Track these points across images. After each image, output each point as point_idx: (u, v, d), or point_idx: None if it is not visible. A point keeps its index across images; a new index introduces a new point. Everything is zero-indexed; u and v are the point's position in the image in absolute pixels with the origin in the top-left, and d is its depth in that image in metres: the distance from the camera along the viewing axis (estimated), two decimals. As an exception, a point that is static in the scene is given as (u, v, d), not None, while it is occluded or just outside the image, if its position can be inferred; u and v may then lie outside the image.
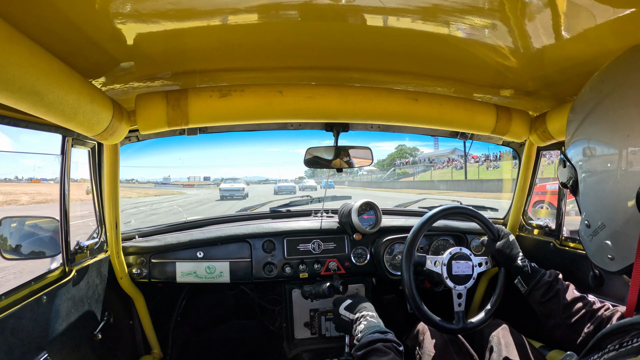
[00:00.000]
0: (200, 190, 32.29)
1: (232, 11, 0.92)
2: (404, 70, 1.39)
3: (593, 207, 0.93)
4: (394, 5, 0.90)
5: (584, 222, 0.97)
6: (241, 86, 1.43)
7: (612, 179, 0.85)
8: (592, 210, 0.93)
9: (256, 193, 24.32)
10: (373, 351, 1.22)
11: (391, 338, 1.28)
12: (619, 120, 0.85)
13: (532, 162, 1.94)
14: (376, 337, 1.27)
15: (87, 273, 1.51)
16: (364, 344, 1.26)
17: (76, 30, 0.92)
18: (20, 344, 1.08)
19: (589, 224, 0.95)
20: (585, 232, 0.98)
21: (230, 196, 21.66)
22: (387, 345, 1.24)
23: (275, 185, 28.18)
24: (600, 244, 0.92)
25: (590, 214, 0.94)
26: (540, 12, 0.90)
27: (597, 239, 0.92)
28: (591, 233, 0.94)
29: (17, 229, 1.37)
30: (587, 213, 0.96)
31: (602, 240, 0.91)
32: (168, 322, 2.26)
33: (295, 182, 30.42)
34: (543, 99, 1.57)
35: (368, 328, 1.35)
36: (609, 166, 0.86)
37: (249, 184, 27.69)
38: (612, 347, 0.78)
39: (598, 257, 0.95)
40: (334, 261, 2.00)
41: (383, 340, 1.26)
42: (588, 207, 0.95)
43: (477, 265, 1.63)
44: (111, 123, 1.28)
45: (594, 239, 0.94)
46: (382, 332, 1.30)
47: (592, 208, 0.93)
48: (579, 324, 1.30)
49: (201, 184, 41.02)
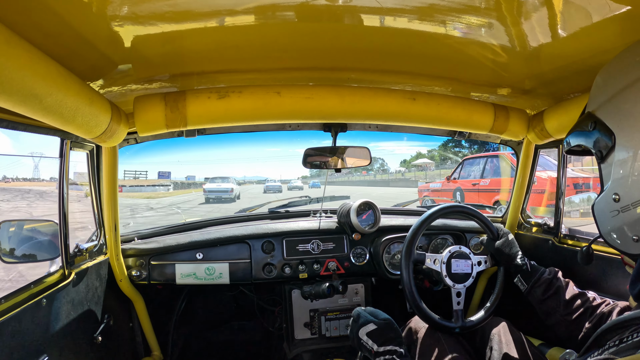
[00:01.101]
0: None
1: (229, 13, 0.93)
2: (401, 70, 1.40)
3: (632, 180, 0.82)
4: (391, 5, 0.91)
5: (609, 195, 0.87)
6: (239, 87, 1.43)
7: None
8: (629, 184, 0.83)
9: (248, 194, 23.69)
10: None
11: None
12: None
13: (530, 160, 1.94)
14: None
15: (87, 276, 1.50)
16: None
17: (74, 33, 0.92)
18: (20, 347, 1.08)
19: (619, 198, 0.84)
20: (608, 206, 0.87)
21: (216, 198, 18.89)
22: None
23: (265, 185, 29.05)
24: (628, 222, 0.83)
25: (625, 188, 0.84)
26: (536, 10, 0.90)
27: (627, 215, 0.83)
28: (618, 209, 0.85)
29: (16, 232, 1.37)
30: (619, 185, 0.85)
31: (634, 218, 0.82)
32: (168, 324, 2.26)
33: (282, 182, 31.71)
34: (540, 97, 1.58)
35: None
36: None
37: (240, 183, 26.59)
38: (612, 343, 0.78)
39: (618, 235, 0.87)
40: (334, 261, 2.00)
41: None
42: (623, 179, 0.84)
43: (477, 264, 1.63)
44: (109, 125, 1.28)
45: (620, 215, 0.85)
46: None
47: (630, 181, 0.82)
48: (580, 321, 1.31)
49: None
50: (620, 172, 0.85)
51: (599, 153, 0.90)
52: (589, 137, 0.92)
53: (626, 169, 0.83)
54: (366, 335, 1.30)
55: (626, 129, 0.83)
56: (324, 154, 1.89)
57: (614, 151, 0.86)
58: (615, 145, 0.85)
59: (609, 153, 0.87)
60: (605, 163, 0.89)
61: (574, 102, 1.45)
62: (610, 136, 0.86)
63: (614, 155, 0.86)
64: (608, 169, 0.88)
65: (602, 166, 0.91)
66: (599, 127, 0.89)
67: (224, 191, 19.26)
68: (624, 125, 0.84)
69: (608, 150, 0.87)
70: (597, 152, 0.90)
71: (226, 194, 19.11)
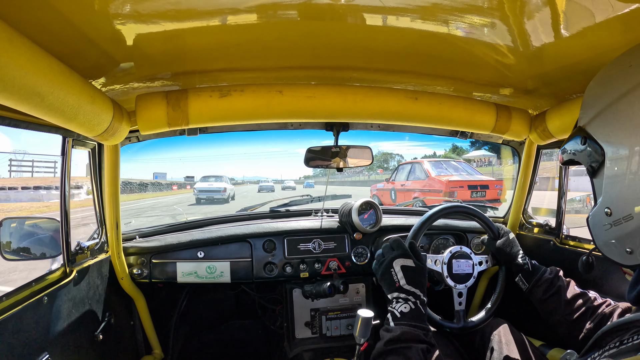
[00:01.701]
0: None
1: (231, 11, 0.92)
2: (403, 69, 1.39)
3: (622, 194, 0.83)
4: (394, 5, 0.91)
5: (602, 209, 0.88)
6: (241, 86, 1.43)
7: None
8: (619, 198, 0.84)
9: (243, 194, 23.73)
10: (405, 349, 1.06)
11: (430, 340, 1.10)
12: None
13: (532, 160, 1.94)
14: (416, 335, 1.09)
15: (88, 274, 1.51)
16: (402, 338, 1.08)
17: (76, 31, 0.92)
18: (21, 345, 1.08)
19: (611, 212, 0.86)
20: (601, 219, 0.88)
21: (208, 199, 17.86)
22: (424, 349, 1.06)
23: (259, 184, 31.35)
24: (620, 235, 0.84)
25: (615, 202, 0.85)
26: (539, 10, 0.90)
27: (619, 229, 0.84)
28: (611, 222, 0.86)
29: (17, 229, 1.37)
30: (610, 200, 0.86)
31: (625, 231, 0.83)
32: (169, 322, 2.26)
33: (277, 182, 35.35)
34: (543, 98, 1.57)
35: (414, 316, 1.15)
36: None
37: (239, 183, 27.34)
38: (613, 344, 0.78)
39: (612, 248, 0.87)
40: (335, 260, 2.00)
41: (421, 341, 1.08)
42: (614, 193, 0.85)
43: (478, 264, 1.63)
44: (111, 124, 1.28)
45: (613, 228, 0.86)
46: (425, 332, 1.12)
47: (620, 195, 0.83)
48: (581, 321, 1.31)
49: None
50: (610, 186, 0.86)
51: (590, 168, 0.91)
52: (580, 152, 0.93)
53: (616, 183, 0.84)
54: (400, 267, 1.26)
55: (614, 144, 0.85)
56: (326, 154, 1.89)
57: (604, 166, 0.87)
58: (604, 160, 0.87)
59: (600, 168, 0.88)
60: (597, 177, 0.90)
61: (576, 103, 1.45)
62: (600, 151, 0.88)
63: (604, 170, 0.87)
64: (600, 183, 0.89)
65: (594, 180, 0.92)
66: (589, 142, 0.90)
67: (216, 191, 18.29)
68: (612, 140, 0.85)
69: (599, 165, 0.88)
70: (588, 166, 0.92)
71: (218, 194, 18.19)
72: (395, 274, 1.25)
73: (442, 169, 10.54)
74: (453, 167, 10.96)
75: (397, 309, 1.17)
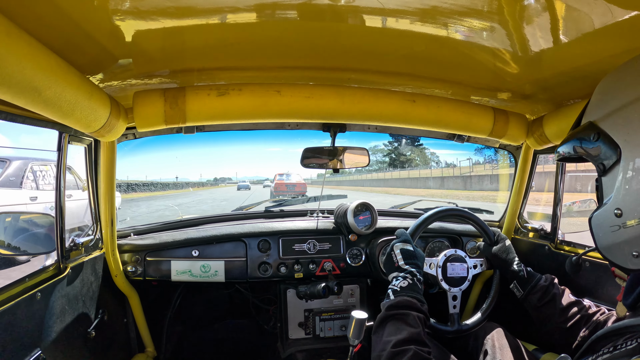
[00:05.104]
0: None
1: (230, 10, 0.92)
2: (402, 71, 1.40)
3: (638, 196, 0.79)
4: (393, 7, 0.91)
5: (611, 210, 0.83)
6: (239, 85, 1.43)
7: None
8: (633, 200, 0.79)
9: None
10: (404, 315, 1.16)
11: (425, 310, 1.21)
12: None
13: (529, 165, 1.95)
14: (414, 304, 1.19)
15: (82, 270, 1.50)
16: (399, 304, 1.19)
17: (74, 26, 0.92)
18: (13, 341, 1.07)
19: (621, 213, 0.81)
20: (608, 220, 0.84)
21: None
22: (420, 318, 1.17)
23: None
24: (629, 238, 0.80)
25: (629, 203, 0.80)
26: (538, 15, 0.90)
27: (628, 232, 0.80)
28: (620, 224, 0.81)
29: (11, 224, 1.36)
30: (622, 200, 0.81)
31: (636, 234, 0.79)
32: (162, 320, 2.25)
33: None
34: (540, 103, 1.58)
35: (411, 289, 1.26)
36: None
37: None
38: (606, 349, 0.79)
39: (616, 250, 0.84)
40: (329, 262, 2.00)
41: (417, 310, 1.18)
42: (627, 195, 0.80)
43: (472, 268, 1.63)
44: (108, 120, 1.27)
45: (621, 230, 0.81)
46: (420, 302, 1.22)
47: (635, 197, 0.79)
48: (575, 328, 1.31)
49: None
50: (625, 187, 0.81)
51: (601, 165, 0.86)
52: (589, 148, 0.88)
53: (632, 184, 0.80)
54: (399, 250, 1.38)
55: (634, 143, 0.80)
56: (322, 154, 1.89)
57: (619, 165, 0.82)
58: (620, 159, 0.82)
59: (612, 166, 0.84)
60: (607, 176, 0.86)
61: (574, 108, 1.45)
62: (616, 149, 0.82)
63: (618, 169, 0.82)
64: (610, 183, 0.85)
65: (603, 179, 0.87)
66: (602, 138, 0.85)
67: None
68: (633, 139, 0.80)
69: (612, 164, 0.84)
70: (598, 164, 0.87)
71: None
72: (395, 255, 1.37)
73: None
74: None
75: (397, 285, 1.28)
